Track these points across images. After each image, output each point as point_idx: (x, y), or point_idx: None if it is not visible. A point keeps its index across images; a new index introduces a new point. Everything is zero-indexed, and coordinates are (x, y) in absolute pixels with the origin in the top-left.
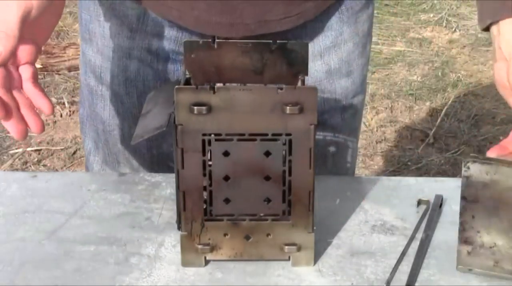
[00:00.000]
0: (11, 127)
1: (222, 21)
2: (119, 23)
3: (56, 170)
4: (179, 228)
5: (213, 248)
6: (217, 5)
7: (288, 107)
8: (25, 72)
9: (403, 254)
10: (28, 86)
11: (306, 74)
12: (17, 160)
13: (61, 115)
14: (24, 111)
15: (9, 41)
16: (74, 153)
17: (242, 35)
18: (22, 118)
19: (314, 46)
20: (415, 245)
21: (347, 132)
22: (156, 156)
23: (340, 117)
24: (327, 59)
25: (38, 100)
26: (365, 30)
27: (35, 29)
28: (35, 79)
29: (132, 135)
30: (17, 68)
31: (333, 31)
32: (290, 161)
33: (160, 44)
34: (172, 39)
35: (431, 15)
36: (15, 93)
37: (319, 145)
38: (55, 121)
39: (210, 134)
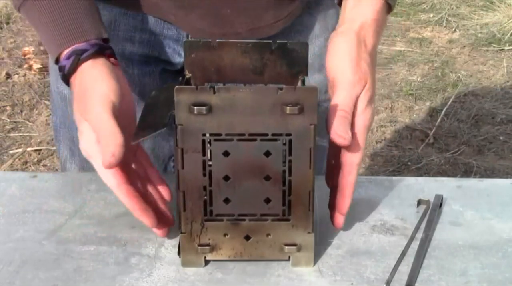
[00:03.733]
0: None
1: (215, 32)
2: None
3: (56, 170)
4: (179, 228)
5: (213, 248)
6: (209, 17)
7: (288, 107)
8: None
9: (403, 254)
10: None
11: (306, 74)
12: (17, 160)
13: None
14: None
15: (114, 138)
16: None
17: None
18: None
19: None
20: (415, 245)
21: (320, 128)
22: None
23: None
24: None
25: (159, 187)
26: (334, 24)
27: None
28: (150, 163)
29: None
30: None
31: (304, 27)
32: (290, 161)
33: (133, 49)
34: (144, 43)
35: (431, 15)
36: (143, 187)
37: None
38: None
39: (210, 134)
